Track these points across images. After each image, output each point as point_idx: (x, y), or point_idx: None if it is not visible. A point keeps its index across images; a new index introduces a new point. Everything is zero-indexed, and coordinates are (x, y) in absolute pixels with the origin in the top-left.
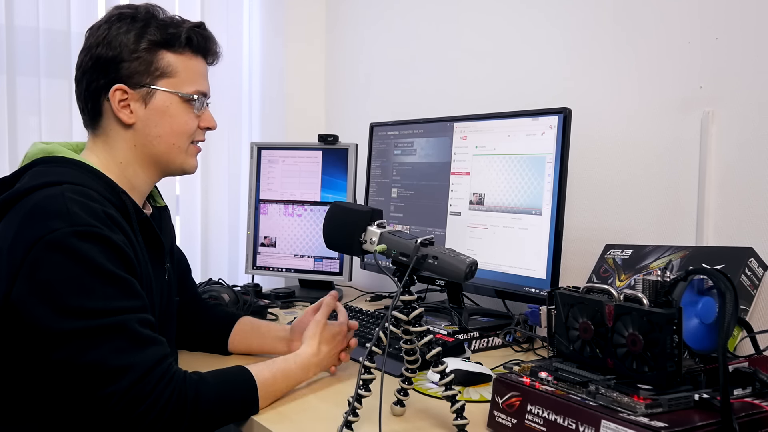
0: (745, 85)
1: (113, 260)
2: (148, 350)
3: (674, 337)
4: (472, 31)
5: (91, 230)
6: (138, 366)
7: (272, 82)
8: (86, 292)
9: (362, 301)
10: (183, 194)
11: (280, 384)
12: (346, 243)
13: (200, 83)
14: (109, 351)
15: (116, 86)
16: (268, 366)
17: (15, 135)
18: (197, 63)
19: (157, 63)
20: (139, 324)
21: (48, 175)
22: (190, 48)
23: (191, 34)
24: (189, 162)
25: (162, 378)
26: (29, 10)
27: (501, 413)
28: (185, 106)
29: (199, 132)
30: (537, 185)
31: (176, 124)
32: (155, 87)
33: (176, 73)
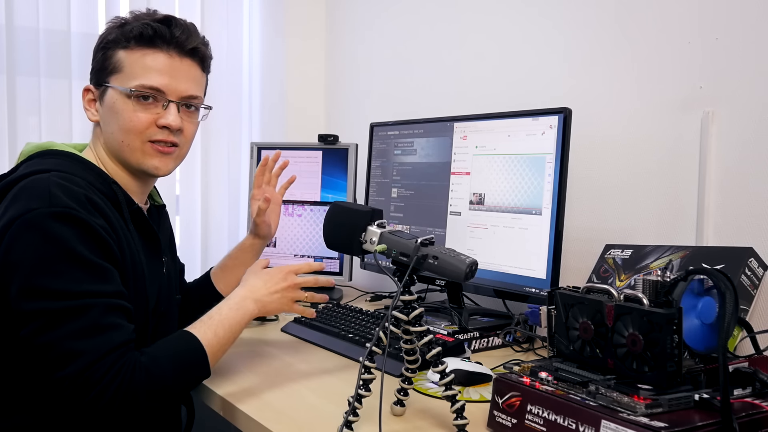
0: (745, 85)
1: (88, 244)
2: (104, 336)
3: (674, 337)
4: (473, 31)
5: (68, 212)
6: (90, 352)
7: (272, 82)
8: (53, 273)
9: (362, 301)
10: (183, 194)
11: (222, 336)
12: (346, 243)
13: (147, 77)
14: (65, 334)
15: (85, 86)
16: (207, 324)
17: (15, 135)
18: (150, 57)
19: (108, 60)
20: (104, 309)
21: (40, 165)
22: (139, 42)
23: (144, 29)
24: (146, 162)
25: (112, 366)
26: (29, 10)
27: (501, 413)
28: (129, 101)
29: (155, 130)
30: (537, 185)
31: (122, 121)
32: (107, 84)
33: (122, 69)
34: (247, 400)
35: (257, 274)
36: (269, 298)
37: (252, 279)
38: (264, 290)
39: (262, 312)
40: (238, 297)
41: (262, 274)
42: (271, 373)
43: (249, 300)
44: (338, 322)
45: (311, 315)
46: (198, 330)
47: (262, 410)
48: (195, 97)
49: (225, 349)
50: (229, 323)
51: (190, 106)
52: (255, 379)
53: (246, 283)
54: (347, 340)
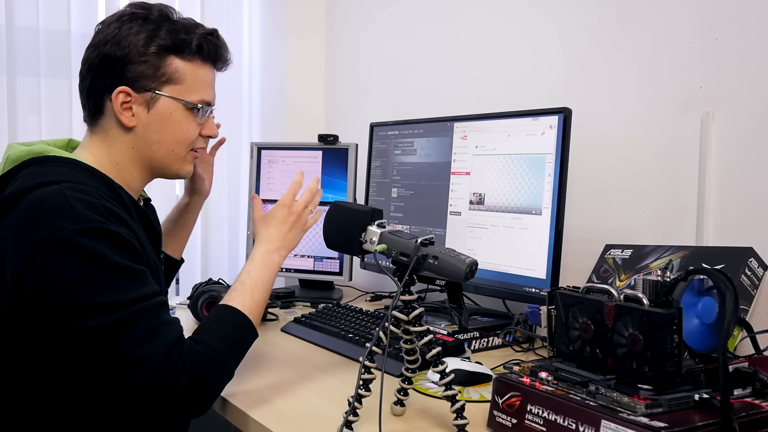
0: (745, 85)
1: (121, 253)
2: (161, 336)
3: (674, 337)
4: (473, 31)
5: (97, 226)
6: (154, 355)
7: (272, 81)
8: (100, 289)
9: (362, 301)
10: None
11: (259, 299)
12: (346, 243)
13: (206, 92)
14: (127, 344)
15: (120, 88)
16: (242, 292)
17: (15, 135)
18: (205, 71)
19: (164, 68)
20: (154, 310)
21: (44, 175)
22: (200, 56)
23: (202, 42)
24: (185, 168)
25: (177, 361)
26: (29, 10)
27: (501, 413)
28: (188, 114)
29: (199, 140)
30: (537, 185)
31: (177, 132)
32: (160, 92)
33: (183, 80)
34: (246, 400)
35: (265, 222)
36: (288, 238)
37: (263, 230)
38: (279, 235)
39: (287, 255)
40: (261, 253)
41: (270, 219)
42: (271, 372)
43: (272, 253)
44: (338, 322)
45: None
46: (237, 301)
47: (262, 410)
48: None
49: (264, 307)
50: (261, 283)
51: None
52: (255, 379)
53: (260, 236)
54: (347, 340)
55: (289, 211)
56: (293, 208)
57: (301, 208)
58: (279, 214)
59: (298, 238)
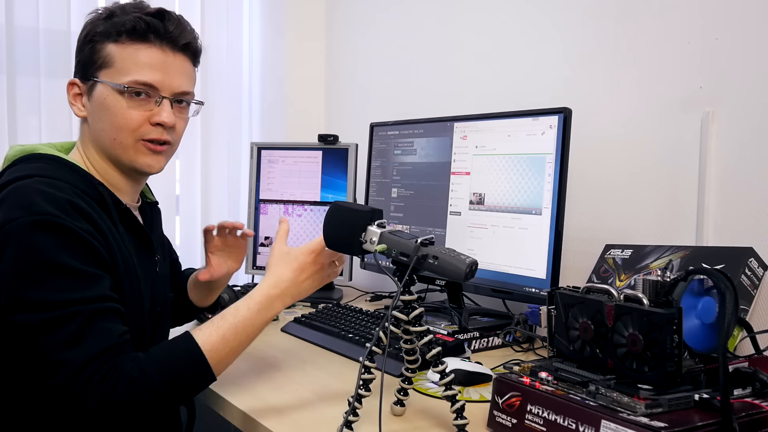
0: (745, 85)
1: (71, 251)
2: (87, 344)
3: (674, 337)
4: (472, 31)
5: (48, 219)
6: (71, 363)
7: (272, 81)
8: (34, 285)
9: (362, 301)
10: (183, 194)
11: (232, 341)
12: (346, 243)
13: (141, 73)
14: (50, 345)
15: (70, 80)
16: (216, 326)
17: (15, 135)
18: (143, 52)
19: (97, 54)
20: (89, 316)
21: (23, 171)
22: (132, 36)
23: (136, 23)
24: (139, 160)
25: (95, 374)
26: (29, 10)
27: (501, 413)
28: (121, 98)
29: (148, 128)
30: (537, 185)
31: (113, 118)
32: (96, 79)
33: (113, 63)
34: (246, 400)
35: (284, 260)
36: (300, 288)
37: (279, 268)
38: (294, 282)
39: (290, 304)
40: (263, 295)
41: (291, 260)
42: (271, 372)
43: (275, 299)
44: (338, 322)
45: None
46: (202, 333)
47: (262, 410)
48: (187, 93)
49: (238, 352)
50: (244, 326)
51: (182, 101)
52: (255, 379)
53: (272, 273)
54: (347, 340)
55: (314, 260)
56: (320, 258)
57: (327, 260)
58: (303, 259)
59: (311, 290)
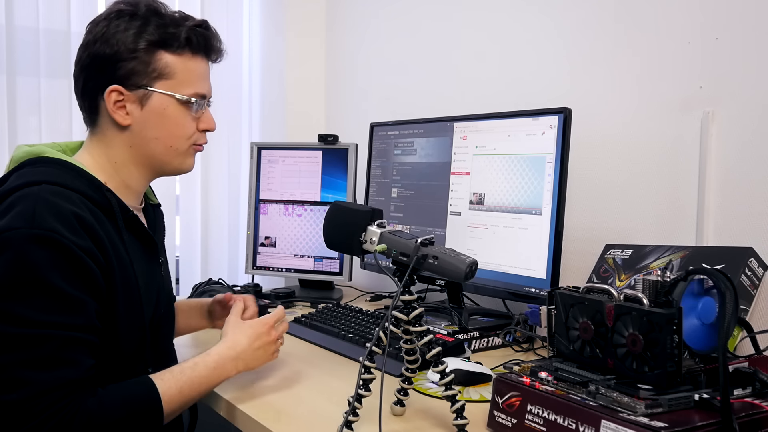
0: (745, 85)
1: (64, 271)
2: (56, 371)
3: (674, 337)
4: (473, 31)
5: (49, 235)
6: (36, 384)
7: (272, 81)
8: (18, 298)
9: (362, 301)
10: (183, 194)
11: (187, 395)
12: (346, 243)
13: (199, 85)
14: (16, 360)
15: (112, 87)
16: (176, 379)
17: (15, 135)
18: (197, 63)
19: (154, 64)
20: (64, 342)
21: (31, 176)
22: (190, 48)
23: (191, 34)
24: (186, 162)
25: (55, 403)
26: (29, 10)
27: (501, 413)
28: (183, 108)
29: (198, 134)
30: (537, 185)
31: (173, 127)
32: (152, 89)
33: (174, 75)
34: (247, 400)
35: (240, 328)
36: (253, 355)
37: (235, 334)
38: (248, 348)
39: (242, 370)
40: (218, 356)
41: (246, 329)
42: (271, 373)
43: (229, 361)
44: (338, 322)
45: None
46: (164, 383)
47: (263, 410)
48: None
49: (188, 405)
50: (199, 382)
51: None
52: (255, 379)
53: (228, 339)
54: (347, 340)
55: (267, 331)
56: (273, 332)
57: (279, 334)
58: (258, 329)
59: (261, 361)
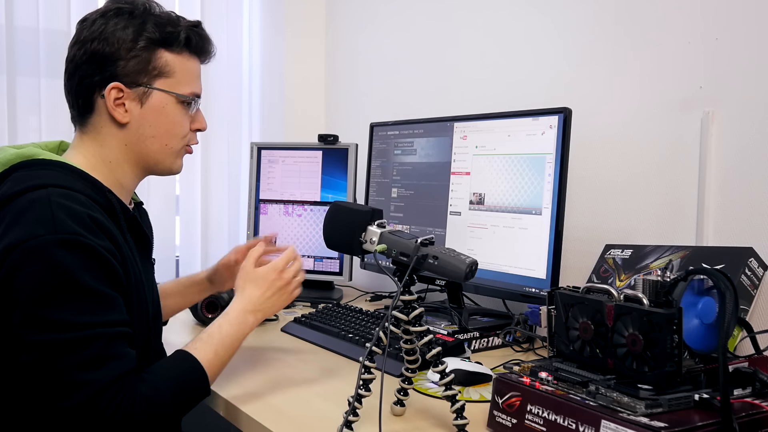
0: (745, 85)
1: (94, 271)
2: (108, 367)
3: (674, 337)
4: (473, 31)
5: (75, 239)
6: (95, 383)
7: (272, 81)
8: (58, 304)
9: (362, 301)
10: (183, 194)
11: (223, 355)
12: (346, 243)
13: (196, 85)
14: (70, 365)
15: (112, 84)
16: (208, 344)
17: (15, 135)
18: (193, 63)
19: (155, 62)
20: (109, 339)
21: (32, 179)
22: (188, 48)
23: (190, 34)
24: (177, 163)
25: (115, 396)
26: (29, 10)
27: (501, 413)
28: (180, 107)
29: (191, 135)
30: (537, 185)
31: (171, 125)
32: (152, 87)
33: (173, 74)
34: (247, 400)
35: (252, 280)
36: (268, 303)
37: (248, 287)
38: (262, 298)
39: (263, 319)
40: (237, 311)
41: (257, 279)
42: (271, 373)
43: (248, 314)
44: (338, 322)
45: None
46: (199, 351)
47: (262, 410)
48: None
49: (225, 365)
50: (230, 340)
51: None
52: (255, 379)
53: (242, 292)
54: (347, 340)
55: (278, 276)
56: (284, 275)
57: (291, 276)
58: (269, 277)
59: (280, 305)
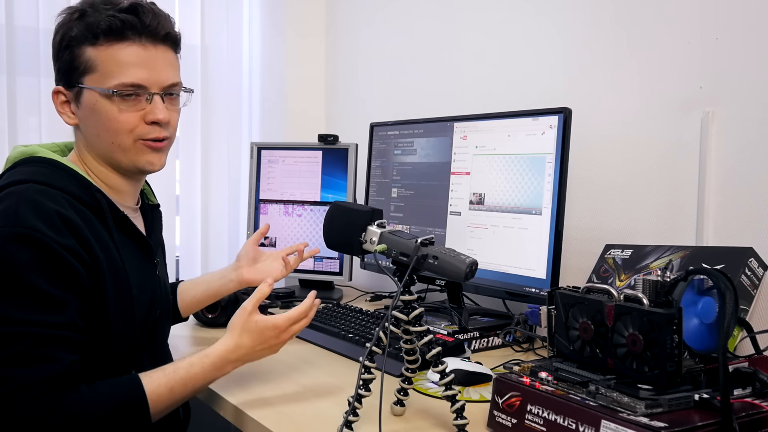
0: (745, 85)
1: (44, 269)
2: (33, 368)
3: (674, 337)
4: (473, 31)
5: (29, 234)
6: (13, 380)
7: (272, 81)
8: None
9: (362, 301)
10: (183, 194)
11: (179, 393)
12: (346, 243)
13: (126, 74)
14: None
15: (54, 88)
16: (168, 378)
17: (15, 135)
18: (124, 51)
19: (77, 60)
20: (42, 340)
21: (19, 175)
22: (111, 36)
23: (112, 22)
24: (140, 159)
25: (34, 399)
26: (29, 10)
27: (501, 413)
28: (111, 102)
29: (145, 128)
30: (537, 185)
31: (107, 123)
32: (82, 85)
33: (96, 68)
34: (246, 400)
35: (249, 330)
36: (254, 355)
37: (243, 335)
38: (251, 350)
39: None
40: (219, 358)
41: (254, 332)
42: (271, 372)
43: (229, 363)
44: (338, 322)
45: None
46: (154, 382)
47: (262, 410)
48: (176, 84)
49: (179, 403)
50: (193, 383)
51: (172, 93)
52: (254, 379)
53: (233, 337)
54: (347, 340)
55: (276, 335)
56: (283, 335)
57: (288, 336)
58: (266, 334)
59: (262, 357)
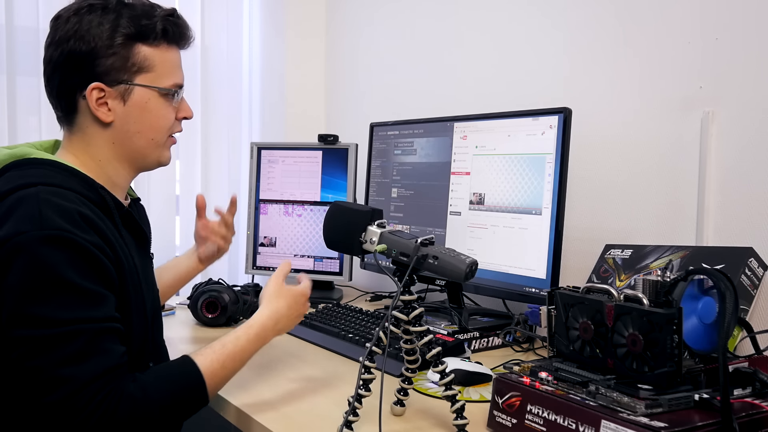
0: (745, 85)
1: (79, 267)
2: (91, 363)
3: (674, 337)
4: (473, 31)
5: (60, 234)
6: (76, 379)
7: (272, 81)
8: (42, 301)
9: (362, 301)
10: (183, 194)
11: (230, 369)
12: (346, 243)
13: (177, 75)
14: (53, 360)
15: (93, 84)
16: (217, 354)
17: (15, 135)
18: (173, 54)
19: (133, 58)
20: (93, 335)
21: (23, 178)
22: (166, 39)
23: (166, 25)
24: (165, 155)
25: (98, 393)
26: (29, 10)
27: (501, 413)
28: (164, 100)
29: (176, 124)
30: (537, 185)
31: (155, 119)
32: (133, 83)
33: (154, 68)
34: (246, 400)
35: (283, 296)
36: (290, 323)
37: (278, 302)
38: (286, 315)
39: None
40: (260, 326)
41: (288, 297)
42: (271, 372)
43: (270, 330)
44: (338, 322)
45: None
46: (205, 359)
47: (262, 410)
48: None
49: (231, 377)
50: (241, 356)
51: None
52: (255, 379)
53: (271, 307)
54: (347, 340)
55: (304, 302)
56: (307, 303)
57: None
58: (298, 299)
59: (291, 327)
